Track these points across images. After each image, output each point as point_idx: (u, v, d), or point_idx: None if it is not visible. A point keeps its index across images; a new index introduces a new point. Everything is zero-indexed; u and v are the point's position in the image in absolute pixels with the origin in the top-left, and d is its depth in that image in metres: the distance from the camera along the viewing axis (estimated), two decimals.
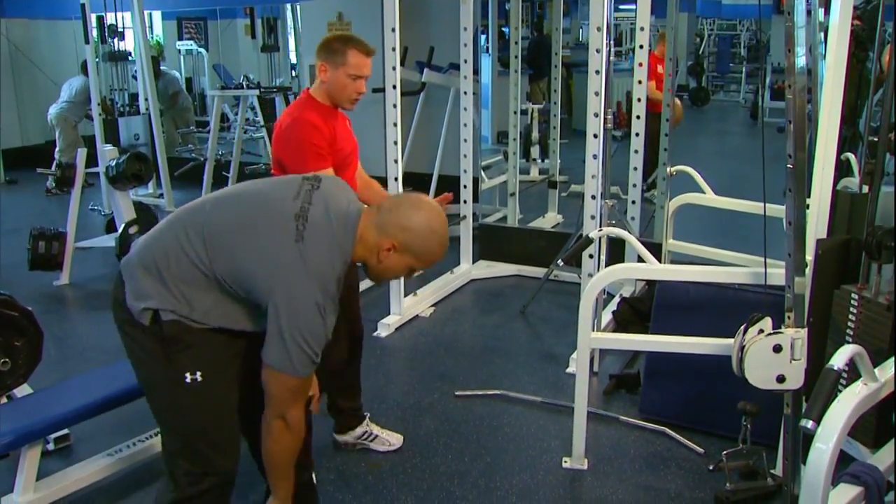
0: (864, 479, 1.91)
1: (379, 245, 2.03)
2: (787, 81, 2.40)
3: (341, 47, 2.89)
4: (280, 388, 1.98)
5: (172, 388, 2.08)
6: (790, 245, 2.53)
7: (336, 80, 2.90)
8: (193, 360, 2.05)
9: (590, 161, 3.91)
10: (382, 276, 2.14)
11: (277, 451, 2.09)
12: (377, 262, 2.06)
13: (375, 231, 2.03)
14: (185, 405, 2.11)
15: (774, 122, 8.16)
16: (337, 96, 2.95)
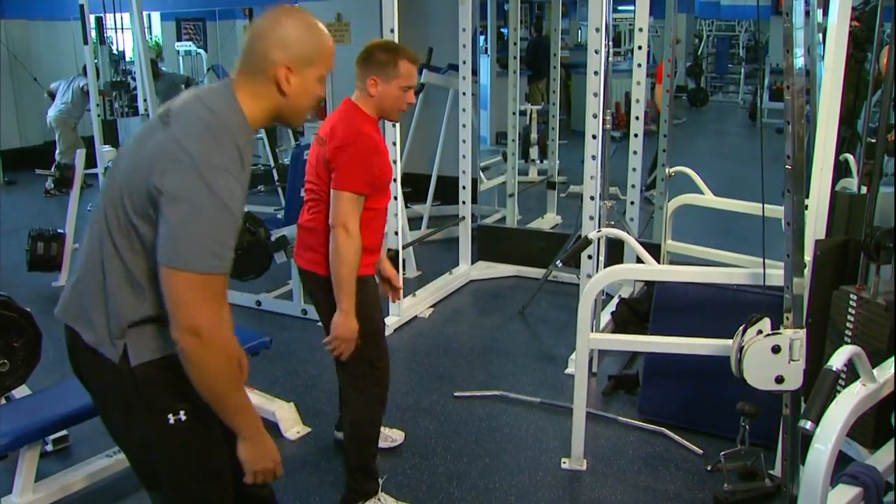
0: (863, 480, 1.90)
1: (274, 79, 1.79)
2: (785, 82, 2.40)
3: (391, 59, 2.73)
4: (177, 286, 1.66)
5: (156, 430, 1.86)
6: (789, 246, 2.54)
7: (388, 93, 2.74)
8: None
9: (588, 162, 3.92)
10: (299, 106, 1.87)
11: (198, 375, 1.73)
12: (286, 98, 1.82)
13: (258, 77, 1.81)
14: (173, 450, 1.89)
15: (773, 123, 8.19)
16: (388, 109, 2.78)
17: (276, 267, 5.04)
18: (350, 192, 2.62)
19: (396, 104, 2.77)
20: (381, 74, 2.72)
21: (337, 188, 2.63)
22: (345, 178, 2.63)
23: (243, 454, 1.85)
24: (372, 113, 2.78)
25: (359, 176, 2.64)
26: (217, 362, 1.70)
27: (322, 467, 3.33)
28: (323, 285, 2.78)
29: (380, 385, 2.98)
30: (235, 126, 1.76)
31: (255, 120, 1.82)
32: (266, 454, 1.88)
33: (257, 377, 4.05)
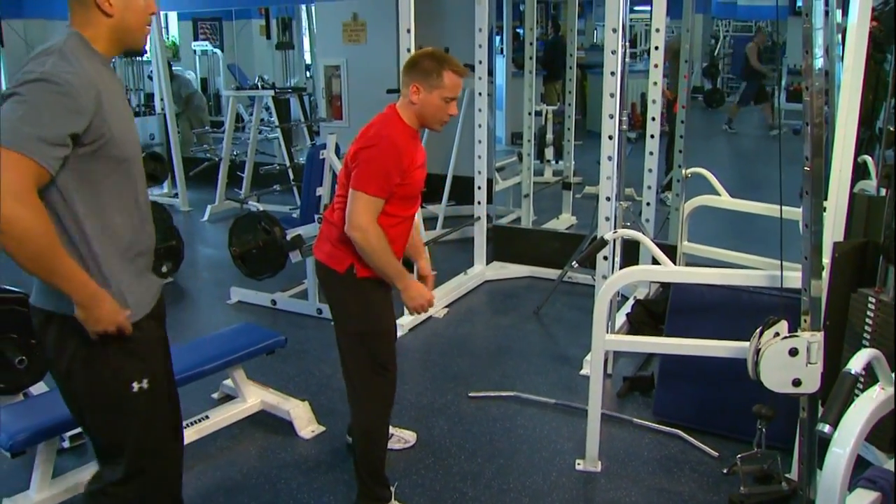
0: (881, 485, 1.89)
1: (95, 4, 1.89)
2: (804, 83, 2.38)
3: (436, 68, 2.69)
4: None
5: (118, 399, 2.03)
6: (807, 248, 2.52)
7: (430, 102, 2.70)
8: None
9: (604, 163, 3.91)
10: (130, 24, 1.96)
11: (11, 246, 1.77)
12: (113, 19, 1.92)
13: (84, 5, 1.91)
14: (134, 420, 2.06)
15: (790, 124, 8.14)
16: (428, 119, 2.75)
17: (292, 266, 5.05)
18: (365, 193, 2.61)
19: (438, 114, 2.74)
20: (424, 82, 2.69)
21: (353, 187, 2.63)
22: (361, 179, 2.62)
23: (80, 316, 1.91)
24: (411, 121, 2.74)
25: (374, 179, 2.61)
26: (29, 232, 1.74)
27: (336, 466, 3.33)
28: (334, 280, 2.79)
29: (390, 388, 2.96)
30: (75, 51, 1.85)
31: (101, 48, 1.93)
32: (105, 316, 1.93)
33: (272, 376, 4.07)
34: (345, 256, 2.73)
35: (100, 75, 1.87)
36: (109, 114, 1.86)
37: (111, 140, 1.87)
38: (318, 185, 5.35)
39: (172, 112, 8.31)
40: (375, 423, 2.94)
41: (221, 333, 3.95)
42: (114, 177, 1.93)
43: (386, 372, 2.90)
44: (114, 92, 1.92)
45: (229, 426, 3.59)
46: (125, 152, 1.94)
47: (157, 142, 8.81)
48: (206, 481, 3.24)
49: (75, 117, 1.79)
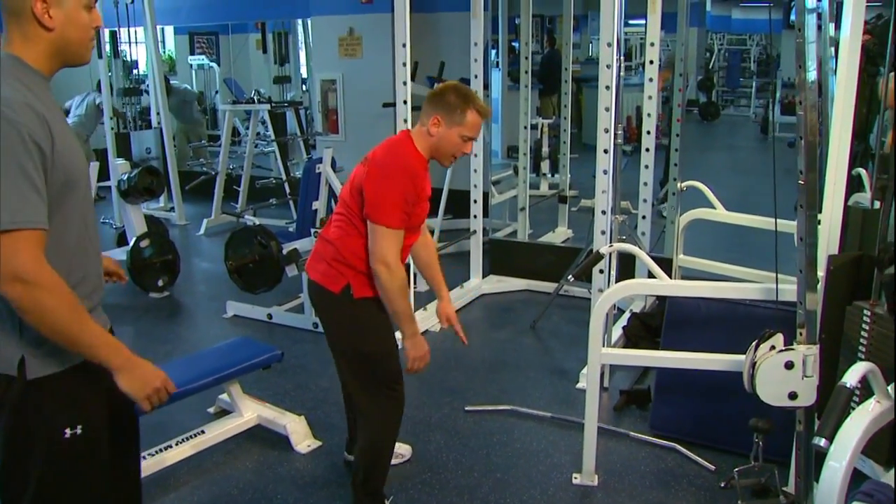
0: (878, 498, 1.89)
1: (34, 17, 1.74)
2: (798, 97, 2.39)
3: (461, 105, 2.66)
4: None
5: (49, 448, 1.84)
6: (802, 261, 2.52)
7: (448, 138, 2.69)
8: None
9: (600, 176, 3.91)
10: (72, 39, 1.81)
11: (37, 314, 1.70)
12: (53, 34, 1.77)
13: (21, 20, 1.75)
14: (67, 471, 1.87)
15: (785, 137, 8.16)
16: (442, 154, 2.74)
17: (288, 280, 5.06)
18: (387, 227, 2.59)
19: (452, 151, 2.74)
20: (446, 117, 2.67)
21: (374, 221, 2.60)
22: (382, 211, 2.59)
23: (125, 385, 1.82)
24: (425, 151, 2.73)
25: (395, 210, 2.59)
26: (51, 301, 1.68)
27: (333, 481, 3.32)
28: (328, 301, 2.77)
29: (399, 406, 2.94)
30: (15, 76, 1.72)
31: (40, 65, 1.79)
32: (147, 376, 1.86)
33: (268, 390, 4.06)
34: (340, 276, 2.71)
35: (41, 101, 1.74)
36: (60, 144, 1.73)
37: (65, 173, 1.75)
38: (314, 199, 5.37)
39: (169, 126, 8.32)
40: (381, 444, 2.93)
41: (217, 348, 3.94)
42: (65, 206, 1.80)
43: (394, 391, 2.89)
44: (58, 118, 1.79)
45: (225, 441, 3.58)
46: (76, 181, 1.81)
47: (153, 156, 8.82)
48: (201, 496, 3.23)
49: (39, 158, 1.68)
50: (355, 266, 2.70)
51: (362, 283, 2.70)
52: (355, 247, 2.70)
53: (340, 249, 2.72)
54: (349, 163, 7.51)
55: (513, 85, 8.75)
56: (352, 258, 2.70)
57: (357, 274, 2.70)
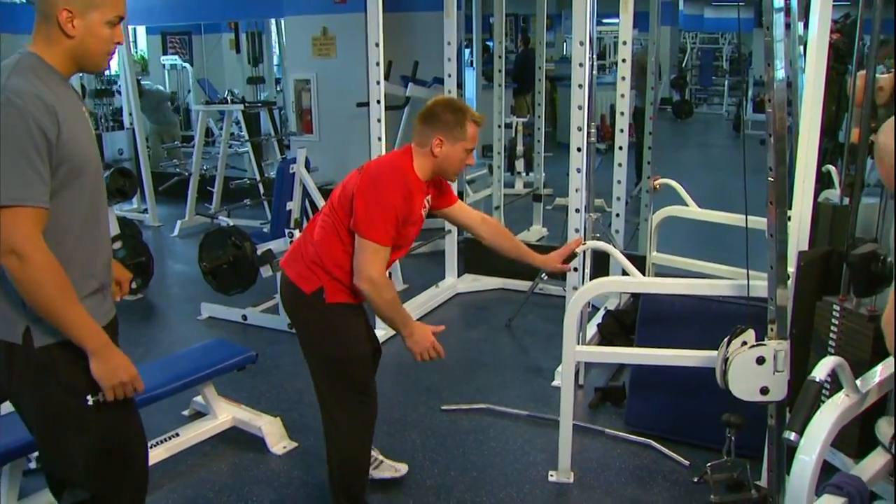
0: (847, 490, 1.90)
1: (58, 22, 1.87)
2: (766, 95, 2.42)
3: (458, 120, 2.68)
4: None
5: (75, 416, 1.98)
6: (772, 257, 2.55)
7: (453, 154, 2.70)
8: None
9: (574, 174, 3.94)
10: (90, 49, 1.93)
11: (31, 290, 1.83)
12: (73, 41, 1.90)
13: (48, 22, 1.89)
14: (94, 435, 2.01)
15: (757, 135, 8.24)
16: (448, 171, 2.76)
17: (262, 281, 5.04)
18: (373, 242, 2.58)
19: (459, 166, 2.75)
20: (448, 135, 2.67)
21: (361, 235, 2.59)
22: (370, 226, 2.58)
23: (94, 370, 1.93)
24: (424, 173, 2.72)
25: (382, 226, 2.58)
26: (41, 276, 1.81)
27: (309, 482, 3.31)
28: (299, 300, 2.75)
29: (371, 413, 2.92)
30: (29, 70, 1.86)
31: (58, 63, 1.92)
32: (119, 367, 1.96)
33: (244, 392, 4.05)
34: (315, 279, 2.69)
35: (54, 93, 1.86)
36: (67, 133, 1.85)
37: (71, 161, 1.87)
38: (288, 199, 5.34)
39: (141, 127, 8.25)
40: (356, 452, 2.89)
41: (192, 350, 3.92)
42: (69, 191, 1.91)
43: (366, 397, 2.86)
44: (71, 110, 1.91)
45: (200, 443, 3.55)
46: (83, 168, 1.92)
47: (125, 157, 8.74)
48: (176, 499, 3.21)
49: (44, 144, 1.80)
50: (332, 273, 2.67)
51: (337, 289, 2.69)
52: (336, 254, 2.67)
53: (321, 254, 2.70)
54: (324, 163, 7.53)
55: (487, 84, 8.76)
56: (330, 265, 2.68)
57: (333, 280, 2.68)
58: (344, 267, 2.67)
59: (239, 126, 8.14)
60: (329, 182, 7.11)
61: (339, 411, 2.83)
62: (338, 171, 7.38)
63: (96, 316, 2.00)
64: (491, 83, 7.25)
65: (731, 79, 17.06)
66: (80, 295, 1.94)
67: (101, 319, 2.03)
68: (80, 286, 1.94)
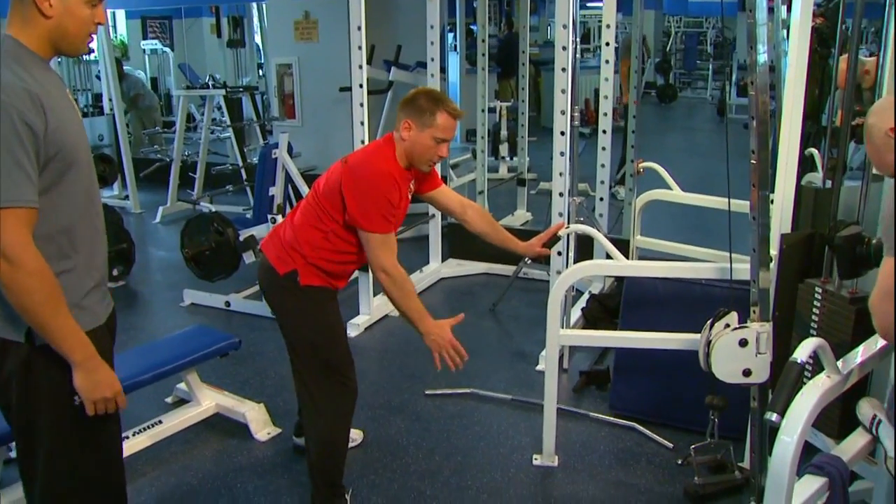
0: (828, 470, 1.92)
1: (34, 2, 1.80)
2: (749, 78, 2.43)
3: (431, 107, 2.66)
4: None
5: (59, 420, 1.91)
6: (754, 240, 2.57)
7: (419, 141, 2.67)
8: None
9: (557, 158, 3.94)
10: (68, 30, 1.85)
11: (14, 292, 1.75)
12: (51, 21, 1.82)
13: (24, 3, 1.82)
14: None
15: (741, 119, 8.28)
16: (416, 158, 2.71)
17: (245, 267, 5.02)
18: (375, 233, 2.61)
19: (426, 154, 2.70)
20: (416, 120, 2.66)
21: (363, 229, 2.62)
22: (368, 219, 2.61)
23: (78, 382, 1.86)
24: (401, 158, 2.71)
25: (379, 214, 2.61)
26: (30, 282, 1.73)
27: (293, 468, 3.31)
28: (273, 281, 2.77)
29: (351, 397, 2.93)
30: (14, 58, 1.78)
31: (37, 49, 1.84)
32: (102, 382, 1.89)
33: (227, 379, 4.04)
34: (291, 261, 2.71)
35: (38, 82, 1.78)
36: (55, 123, 1.77)
37: (62, 150, 1.80)
38: (271, 184, 5.32)
39: (122, 112, 8.18)
40: (335, 435, 2.90)
41: (174, 336, 3.91)
42: (66, 183, 1.84)
43: (345, 378, 2.88)
44: (57, 96, 1.83)
45: (183, 430, 3.55)
46: (74, 157, 1.85)
47: (106, 143, 8.67)
48: (160, 487, 3.21)
49: (30, 138, 1.72)
50: (306, 255, 2.70)
51: (310, 273, 2.71)
52: (312, 237, 2.70)
53: (297, 237, 2.73)
54: (306, 148, 7.51)
55: (471, 68, 8.74)
56: (307, 248, 2.70)
57: (307, 264, 2.70)
58: (320, 252, 2.70)
59: (221, 111, 8.07)
60: (312, 168, 7.10)
61: (319, 394, 2.85)
62: (321, 157, 7.38)
63: (98, 311, 1.97)
64: (474, 67, 7.23)
65: (716, 63, 17.10)
66: (84, 289, 1.91)
67: (102, 313, 2.00)
68: (83, 281, 1.91)
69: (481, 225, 3.16)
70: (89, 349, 1.85)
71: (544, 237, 3.22)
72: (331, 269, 2.74)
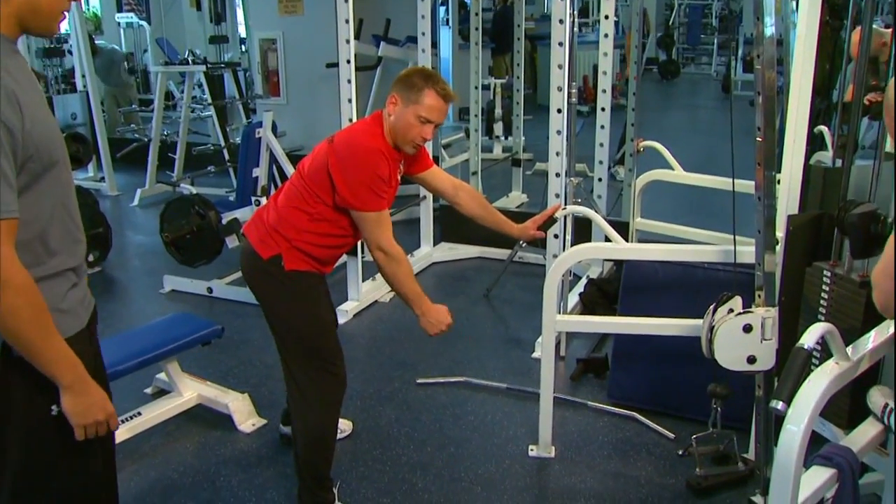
0: (837, 461, 1.92)
1: None
2: (755, 52, 2.42)
3: (420, 84, 2.64)
4: None
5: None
6: (759, 221, 2.56)
7: (403, 117, 2.65)
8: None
9: (553, 137, 3.93)
10: (38, 7, 1.74)
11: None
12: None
13: None
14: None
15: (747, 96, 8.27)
16: (399, 135, 2.69)
17: (228, 252, 5.01)
18: (370, 211, 2.62)
19: (409, 133, 2.67)
20: (403, 96, 2.65)
21: (356, 209, 2.62)
22: (358, 198, 2.60)
23: (67, 406, 1.77)
24: (388, 135, 2.70)
25: (372, 195, 2.60)
26: (17, 301, 1.63)
27: (279, 460, 3.31)
28: (256, 266, 2.75)
29: (340, 387, 2.93)
30: None
31: (5, 29, 1.72)
32: (94, 405, 1.81)
33: (209, 368, 4.03)
34: (275, 245, 2.70)
35: (11, 74, 1.67)
36: (30, 119, 1.67)
37: (39, 150, 1.70)
38: (254, 165, 5.30)
39: (95, 89, 8.13)
40: (323, 426, 2.90)
41: (154, 324, 3.90)
42: (45, 182, 1.75)
43: (334, 368, 2.87)
44: (28, 88, 1.72)
45: (164, 422, 3.55)
46: (51, 156, 1.75)
47: (79, 121, 8.61)
48: (139, 482, 3.20)
49: (8, 140, 1.62)
50: (291, 238, 2.69)
51: (296, 257, 2.69)
52: (297, 220, 2.69)
53: (281, 219, 2.71)
54: (292, 127, 7.47)
55: (463, 43, 8.74)
56: (292, 232, 2.69)
57: (291, 248, 2.69)
58: (306, 234, 2.69)
59: (201, 88, 8.02)
60: (298, 147, 7.07)
61: (307, 383, 2.84)
62: (307, 136, 7.35)
63: (80, 312, 1.89)
64: (467, 42, 7.20)
65: (721, 37, 17.04)
66: (63, 291, 1.83)
67: (84, 315, 1.93)
68: (61, 284, 1.83)
69: (474, 207, 3.15)
70: (79, 370, 1.77)
71: (540, 219, 3.22)
72: (317, 254, 2.73)
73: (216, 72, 8.14)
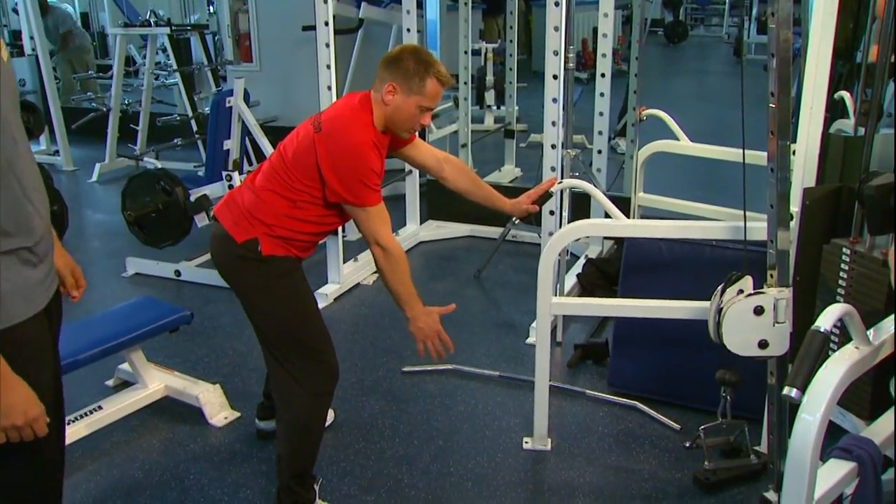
0: (857, 454, 1.91)
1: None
2: (770, 9, 2.40)
3: (420, 72, 2.64)
4: None
5: None
6: (772, 195, 2.55)
7: (404, 108, 2.67)
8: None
9: (549, 105, 3.91)
10: None
11: None
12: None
13: None
14: None
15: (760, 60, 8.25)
16: (397, 124, 2.72)
17: (198, 231, 4.99)
18: (366, 206, 2.64)
19: (409, 122, 2.72)
20: (403, 85, 2.65)
21: (352, 204, 2.65)
22: (353, 193, 2.62)
23: None
24: (380, 122, 2.71)
25: (366, 189, 2.62)
26: None
27: (253, 456, 3.31)
28: (229, 250, 2.73)
29: (330, 374, 2.90)
30: None
31: None
32: (15, 406, 1.74)
33: (177, 357, 4.02)
34: (251, 228, 2.68)
35: None
36: None
37: None
38: (225, 137, 5.27)
39: (46, 53, 8.05)
40: (311, 419, 2.88)
41: (116, 310, 3.87)
42: None
43: (323, 356, 2.86)
44: None
45: (127, 417, 3.53)
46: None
47: (29, 89, 8.54)
48: (100, 482, 3.19)
49: None
50: (270, 225, 2.68)
51: (273, 243, 2.69)
52: (277, 205, 2.68)
53: (259, 203, 2.70)
54: (265, 95, 7.42)
55: (452, 4, 8.65)
56: (268, 216, 2.68)
57: (269, 236, 2.68)
58: (285, 220, 2.69)
59: (165, 53, 7.96)
60: (272, 118, 7.03)
61: (295, 373, 2.82)
62: (282, 105, 7.30)
63: (37, 294, 1.85)
64: (456, 3, 7.15)
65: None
66: (11, 271, 1.78)
67: (41, 297, 1.89)
68: (8, 263, 1.77)
69: (462, 181, 3.16)
70: (2, 367, 1.70)
71: (534, 194, 3.21)
72: (298, 239, 2.73)
73: (182, 35, 8.07)
